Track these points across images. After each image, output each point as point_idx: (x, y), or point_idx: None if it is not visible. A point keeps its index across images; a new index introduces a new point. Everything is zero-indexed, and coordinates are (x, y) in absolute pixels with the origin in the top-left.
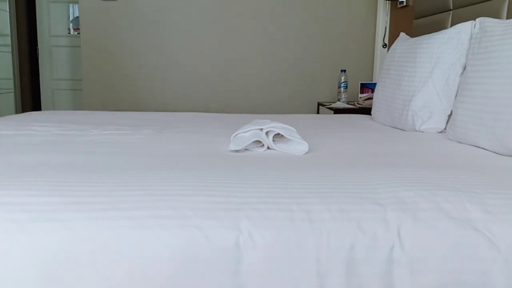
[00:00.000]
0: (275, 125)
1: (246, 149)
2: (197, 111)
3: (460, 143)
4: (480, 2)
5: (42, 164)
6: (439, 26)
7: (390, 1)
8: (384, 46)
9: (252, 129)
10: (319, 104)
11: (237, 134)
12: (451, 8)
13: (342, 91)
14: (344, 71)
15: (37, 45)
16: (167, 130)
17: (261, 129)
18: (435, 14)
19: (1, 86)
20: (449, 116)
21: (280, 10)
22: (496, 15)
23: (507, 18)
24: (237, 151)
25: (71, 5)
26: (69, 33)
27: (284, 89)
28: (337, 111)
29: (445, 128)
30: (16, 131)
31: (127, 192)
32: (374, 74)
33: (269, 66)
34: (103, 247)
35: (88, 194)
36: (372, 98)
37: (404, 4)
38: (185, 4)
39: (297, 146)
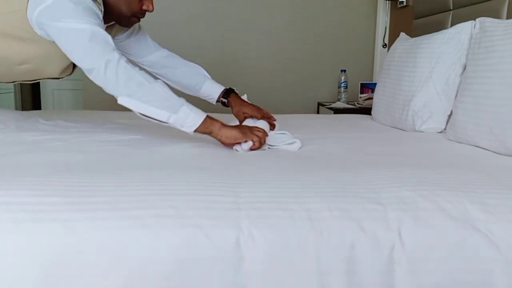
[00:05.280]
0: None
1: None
2: None
3: (460, 143)
4: (480, 2)
5: (42, 164)
6: (439, 26)
7: (390, 1)
8: (384, 46)
9: None
10: (319, 104)
11: None
12: (451, 8)
13: (342, 91)
14: (344, 71)
15: None
16: (167, 130)
17: None
18: (435, 14)
19: (1, 86)
20: (449, 116)
21: (280, 10)
22: (496, 15)
23: (507, 18)
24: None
25: None
26: None
27: (284, 89)
28: (337, 111)
29: (445, 128)
30: (16, 131)
31: (127, 192)
32: (374, 74)
33: (269, 66)
34: (103, 247)
35: (88, 194)
36: (372, 98)
37: (404, 4)
38: (185, 3)
39: (291, 144)
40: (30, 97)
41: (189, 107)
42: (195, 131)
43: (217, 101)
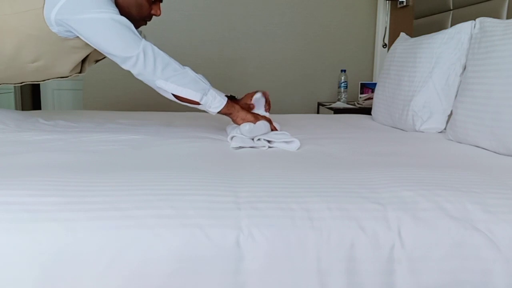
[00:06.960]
0: (260, 132)
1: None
2: (197, 111)
3: (460, 143)
4: (480, 2)
5: (42, 164)
6: (439, 26)
7: (390, 1)
8: (384, 46)
9: (244, 138)
10: (319, 104)
11: (233, 137)
12: (451, 8)
13: (342, 91)
14: (344, 71)
15: None
16: (167, 130)
17: (252, 139)
18: (435, 14)
19: (1, 86)
20: (449, 116)
21: (280, 10)
22: (496, 15)
23: (507, 18)
24: (240, 147)
25: None
26: None
27: (284, 89)
28: (337, 111)
29: (445, 128)
30: (16, 131)
31: (127, 192)
32: (374, 74)
33: (269, 66)
34: (103, 247)
35: (88, 194)
36: (372, 98)
37: (404, 4)
38: (186, 3)
39: (290, 144)
40: (30, 97)
41: (215, 90)
42: (218, 112)
43: None
